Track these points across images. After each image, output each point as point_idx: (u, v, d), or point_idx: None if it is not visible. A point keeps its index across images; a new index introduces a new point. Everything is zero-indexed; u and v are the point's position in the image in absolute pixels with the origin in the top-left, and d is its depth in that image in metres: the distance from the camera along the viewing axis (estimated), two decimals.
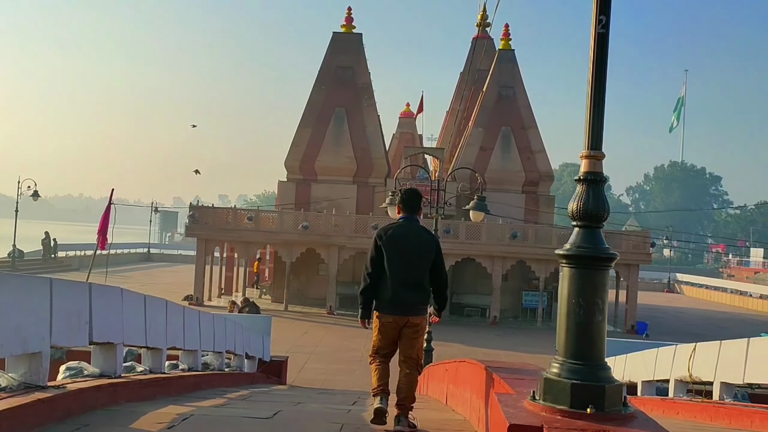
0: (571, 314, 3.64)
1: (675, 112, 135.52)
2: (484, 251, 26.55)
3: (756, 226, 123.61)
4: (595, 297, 3.60)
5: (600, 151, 3.73)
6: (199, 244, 27.19)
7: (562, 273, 3.69)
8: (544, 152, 29.83)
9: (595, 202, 3.66)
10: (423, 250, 5.13)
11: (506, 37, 31.35)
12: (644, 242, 26.66)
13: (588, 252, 3.62)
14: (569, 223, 3.39)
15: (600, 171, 3.74)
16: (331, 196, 29.18)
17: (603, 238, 3.74)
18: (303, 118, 30.33)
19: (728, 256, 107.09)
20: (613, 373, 3.41)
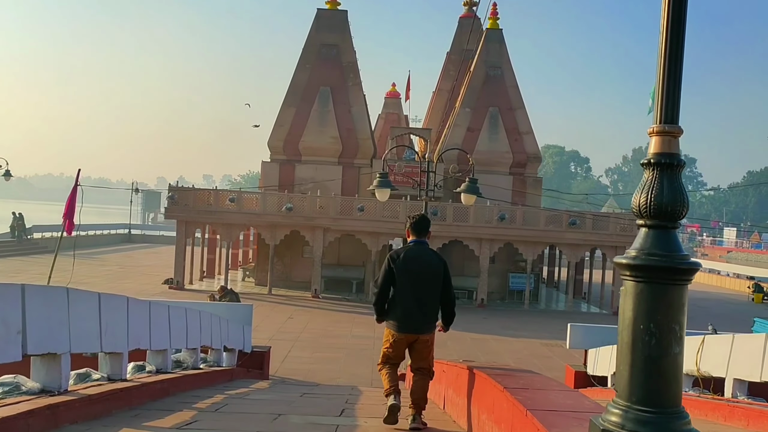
0: (637, 344, 2.64)
1: (651, 95, 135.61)
2: (472, 233, 25.64)
3: (729, 207, 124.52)
4: (671, 322, 2.62)
5: (677, 125, 2.75)
6: (179, 227, 25.98)
7: (624, 288, 2.72)
8: (532, 133, 28.87)
9: (671, 194, 2.67)
10: (432, 273, 5.57)
11: (494, 17, 30.20)
12: (632, 224, 25.83)
13: (663, 261, 2.63)
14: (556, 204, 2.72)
15: (677, 152, 2.75)
16: (316, 177, 28.06)
17: (680, 241, 2.76)
18: (287, 96, 29.07)
19: (702, 236, 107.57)
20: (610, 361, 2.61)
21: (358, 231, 26.03)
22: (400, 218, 25.60)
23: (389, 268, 5.55)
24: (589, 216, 26.21)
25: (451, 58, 34.47)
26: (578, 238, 25.63)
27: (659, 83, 2.76)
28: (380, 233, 25.92)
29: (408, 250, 5.62)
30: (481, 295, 26.02)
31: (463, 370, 5.81)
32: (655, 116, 2.83)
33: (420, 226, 5.74)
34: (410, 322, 5.51)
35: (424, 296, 5.53)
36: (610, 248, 25.98)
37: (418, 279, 5.50)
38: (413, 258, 5.55)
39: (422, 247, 5.68)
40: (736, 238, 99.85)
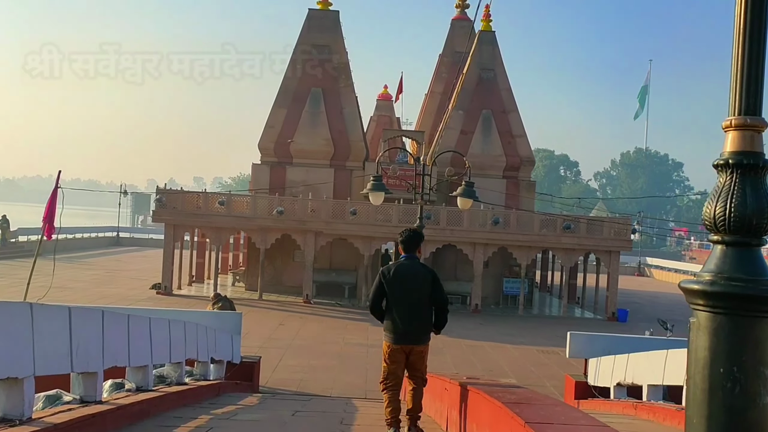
0: (716, 392, 2.10)
1: (639, 99, 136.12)
2: (466, 237, 25.13)
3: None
4: (759, 364, 2.08)
5: (761, 117, 2.21)
6: (167, 230, 25.29)
7: (695, 321, 2.20)
8: (525, 137, 28.42)
9: (756, 202, 2.13)
10: (422, 286, 5.83)
11: (487, 19, 29.75)
12: (625, 229, 25.45)
13: (748, 288, 2.10)
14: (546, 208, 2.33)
15: (761, 151, 2.21)
16: (308, 179, 27.46)
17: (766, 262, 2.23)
18: (277, 98, 28.47)
19: (690, 240, 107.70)
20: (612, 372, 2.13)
21: (351, 235, 25.46)
22: (393, 222, 25.07)
23: (380, 282, 5.85)
24: (583, 220, 25.77)
25: (444, 60, 33.99)
26: (573, 243, 25.17)
27: (735, 65, 2.21)
28: (373, 237, 25.37)
29: (399, 265, 5.94)
30: (476, 300, 25.51)
31: (475, 394, 5.25)
32: (732, 106, 2.28)
33: (411, 242, 6.03)
34: (405, 334, 5.81)
35: (416, 309, 5.82)
36: (604, 252, 25.53)
37: (410, 292, 5.80)
38: (404, 272, 5.85)
39: (413, 262, 5.97)
40: None
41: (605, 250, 25.30)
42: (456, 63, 33.48)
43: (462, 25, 33.99)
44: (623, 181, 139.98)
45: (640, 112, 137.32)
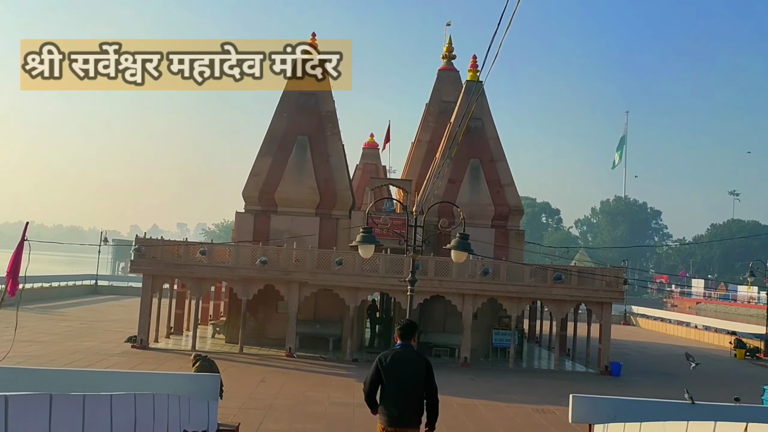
0: None
1: (617, 149, 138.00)
2: (455, 288, 24.16)
3: (695, 258, 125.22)
4: None
5: None
6: (145, 281, 24.05)
7: None
8: (514, 185, 27.80)
9: None
10: (417, 375, 6.30)
11: (474, 69, 29.44)
12: (617, 279, 24.67)
13: None
14: (538, 259, 1.93)
15: None
16: (292, 228, 26.51)
17: None
18: (263, 145, 27.70)
19: (671, 287, 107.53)
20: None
21: (336, 285, 24.40)
22: (380, 272, 24.11)
23: (377, 369, 6.31)
24: (575, 271, 24.97)
25: (430, 109, 33.61)
26: (564, 294, 24.29)
27: None
28: (359, 288, 24.32)
29: (395, 353, 6.42)
30: (465, 353, 24.39)
31: None
32: None
33: (406, 331, 6.55)
34: (398, 418, 6.21)
35: (409, 394, 6.27)
36: (595, 304, 24.67)
37: (405, 380, 6.27)
38: (399, 360, 6.33)
39: (407, 350, 6.46)
40: (704, 290, 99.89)
41: (597, 301, 24.45)
42: (443, 112, 33.12)
43: (448, 75, 33.80)
44: (604, 228, 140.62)
45: (619, 162, 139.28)
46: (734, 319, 64.46)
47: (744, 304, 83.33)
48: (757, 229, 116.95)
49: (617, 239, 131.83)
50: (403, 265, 24.17)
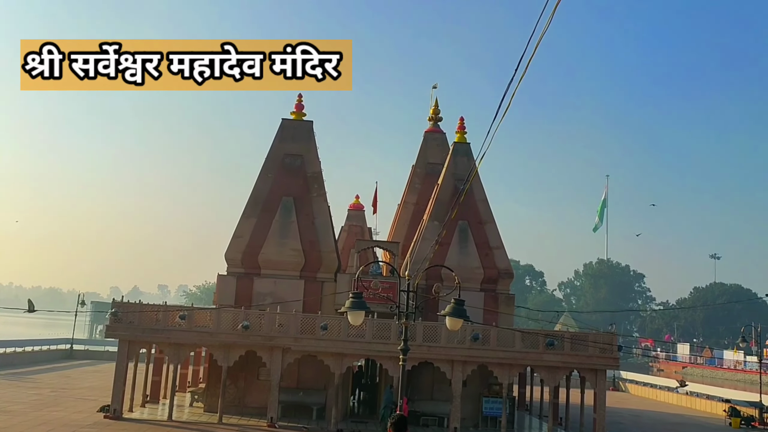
0: None
1: (598, 212, 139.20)
2: (444, 355, 23.24)
3: (679, 322, 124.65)
4: None
5: None
6: (121, 347, 22.86)
7: None
8: (503, 248, 27.28)
9: None
10: None
11: (461, 130, 29.37)
12: (611, 345, 23.90)
13: None
14: (522, 322, 1.54)
15: None
16: (276, 292, 25.62)
17: None
18: (247, 207, 27.07)
19: (657, 351, 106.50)
20: None
21: (321, 352, 23.38)
22: (366, 338, 23.18)
23: None
24: (567, 337, 24.20)
25: (417, 171, 33.35)
26: (556, 360, 23.44)
27: None
28: (345, 354, 23.31)
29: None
30: (454, 422, 23.26)
31: None
32: None
33: (400, 424, 7.02)
34: None
35: None
36: (589, 371, 23.79)
37: None
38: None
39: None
40: (689, 354, 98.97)
41: (591, 368, 23.60)
42: (429, 174, 32.86)
43: (435, 137, 33.72)
44: (587, 291, 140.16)
45: (600, 225, 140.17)
46: (722, 384, 63.43)
47: (731, 369, 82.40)
48: (739, 292, 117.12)
49: (601, 302, 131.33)
50: (391, 331, 23.30)
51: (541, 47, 8.06)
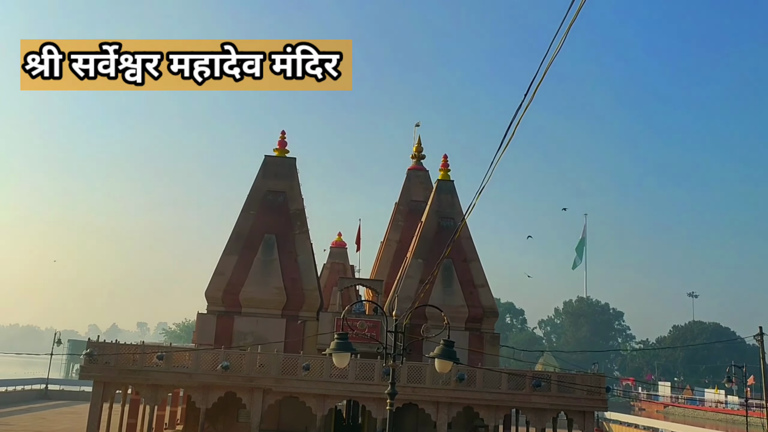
0: None
1: (577, 250, 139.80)
2: (428, 396, 22.57)
3: (659, 360, 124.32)
4: None
5: None
6: (96, 388, 21.93)
7: None
8: (487, 286, 26.87)
9: None
10: None
11: (445, 168, 29.20)
12: (599, 386, 23.39)
13: None
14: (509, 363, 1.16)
15: None
16: (257, 331, 24.91)
17: None
18: (228, 244, 26.48)
19: (638, 390, 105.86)
20: None
21: (303, 393, 22.61)
22: (349, 378, 22.48)
23: None
24: (554, 378, 23.65)
25: (400, 208, 33.04)
26: (544, 402, 22.85)
27: None
28: (327, 395, 22.56)
29: None
30: None
31: None
32: None
33: None
34: None
35: None
36: (577, 413, 23.21)
37: None
38: None
39: None
40: (670, 393, 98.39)
41: (578, 410, 23.03)
42: (412, 211, 32.57)
43: (418, 174, 33.53)
44: (567, 329, 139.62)
45: (579, 262, 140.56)
46: (703, 424, 62.84)
47: (712, 409, 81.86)
48: (718, 330, 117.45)
49: (581, 340, 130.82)
50: (375, 371, 22.64)
51: None
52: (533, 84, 7.69)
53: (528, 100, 7.87)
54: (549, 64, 7.37)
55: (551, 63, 7.42)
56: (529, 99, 7.86)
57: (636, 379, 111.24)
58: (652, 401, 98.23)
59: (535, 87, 7.61)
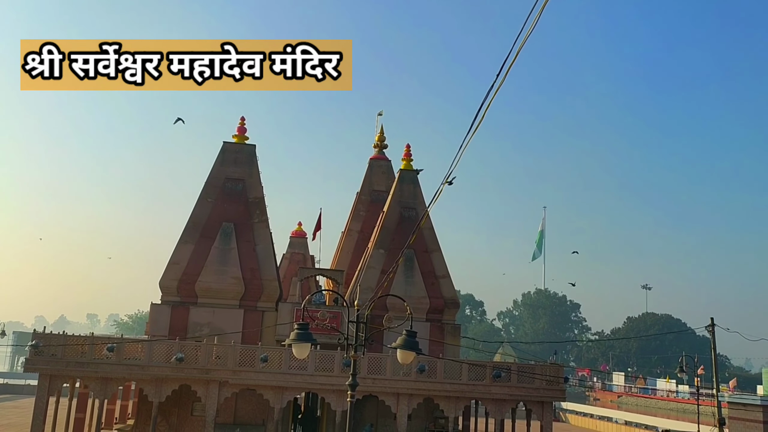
0: None
1: (536, 243, 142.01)
2: (389, 387, 22.46)
3: (614, 351, 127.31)
4: None
5: None
6: (41, 382, 21.15)
7: None
8: (449, 277, 26.84)
9: None
10: None
11: (407, 158, 29.02)
12: (557, 377, 23.64)
13: None
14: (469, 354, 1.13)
15: None
16: (214, 322, 24.39)
17: None
18: (184, 232, 25.82)
19: (593, 380, 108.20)
20: None
21: (260, 385, 22.25)
22: (308, 370, 22.21)
23: None
24: (514, 368, 23.80)
25: (361, 198, 32.79)
26: (504, 393, 22.98)
27: None
28: (285, 387, 22.24)
29: None
30: None
31: None
32: None
33: None
34: None
35: None
36: (536, 403, 23.42)
37: None
38: None
39: None
40: (624, 383, 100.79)
41: (538, 400, 23.23)
42: (374, 201, 32.35)
43: (380, 164, 33.31)
44: (526, 321, 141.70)
45: (538, 254, 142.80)
46: (655, 413, 64.57)
47: (664, 398, 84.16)
48: (670, 322, 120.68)
49: (539, 332, 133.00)
50: (334, 362, 22.42)
51: None
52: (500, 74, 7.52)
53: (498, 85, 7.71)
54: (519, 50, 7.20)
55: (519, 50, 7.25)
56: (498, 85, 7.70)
57: (591, 370, 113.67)
58: (606, 391, 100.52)
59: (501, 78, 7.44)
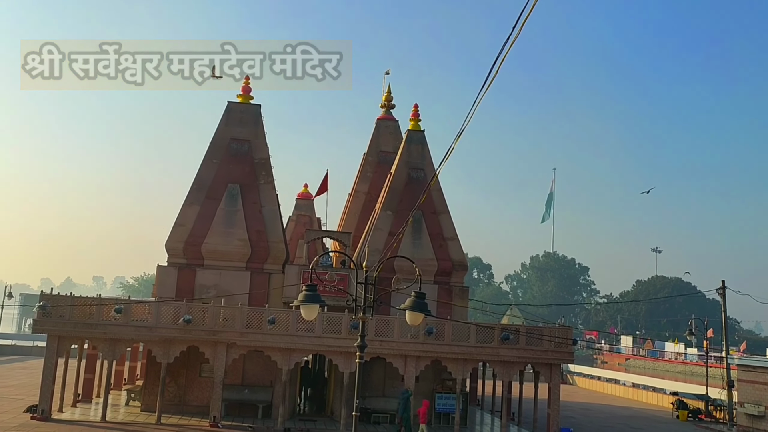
0: None
1: (546, 205, 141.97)
2: (396, 350, 22.68)
3: (623, 314, 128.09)
4: None
5: None
6: (50, 343, 21.46)
7: None
8: (457, 239, 26.86)
9: None
10: None
11: (415, 118, 28.76)
12: (566, 339, 23.80)
13: None
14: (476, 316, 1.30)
15: None
16: (220, 284, 24.57)
17: None
18: (190, 194, 25.83)
19: (601, 343, 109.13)
20: None
21: (268, 347, 22.51)
22: (316, 332, 22.42)
23: None
24: (523, 331, 23.96)
25: (369, 159, 32.67)
26: (512, 355, 23.19)
27: None
28: (293, 349, 22.50)
29: None
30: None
31: None
32: None
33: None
34: None
35: None
36: (544, 365, 23.63)
37: None
38: None
39: None
40: (632, 346, 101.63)
41: (546, 362, 23.44)
42: (381, 163, 32.24)
43: (387, 124, 33.10)
44: (534, 284, 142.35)
45: (547, 217, 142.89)
46: (663, 375, 65.28)
47: (672, 361, 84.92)
48: (680, 285, 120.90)
49: (547, 295, 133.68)
50: (342, 325, 22.62)
51: None
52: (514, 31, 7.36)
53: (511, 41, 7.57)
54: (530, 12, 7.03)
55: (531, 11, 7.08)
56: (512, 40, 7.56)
57: (599, 333, 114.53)
58: (614, 354, 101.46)
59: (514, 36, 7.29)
